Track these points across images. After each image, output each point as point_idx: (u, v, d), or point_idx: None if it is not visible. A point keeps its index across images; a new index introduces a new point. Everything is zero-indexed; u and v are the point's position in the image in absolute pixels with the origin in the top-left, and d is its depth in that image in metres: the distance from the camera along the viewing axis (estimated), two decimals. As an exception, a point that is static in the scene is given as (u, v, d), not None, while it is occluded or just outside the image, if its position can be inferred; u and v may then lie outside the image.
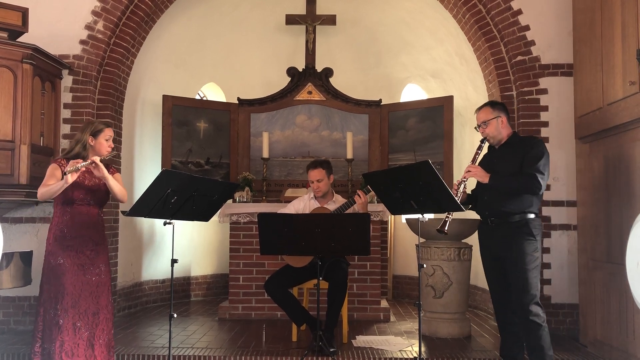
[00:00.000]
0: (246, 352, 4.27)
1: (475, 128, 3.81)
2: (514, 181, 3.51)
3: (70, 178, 3.26)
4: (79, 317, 3.38)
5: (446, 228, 3.55)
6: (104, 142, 3.57)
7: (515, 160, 3.57)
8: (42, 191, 3.41)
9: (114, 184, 3.47)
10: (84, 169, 3.33)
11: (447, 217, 3.56)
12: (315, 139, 6.67)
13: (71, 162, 3.35)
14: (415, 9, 6.44)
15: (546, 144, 4.12)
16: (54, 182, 3.39)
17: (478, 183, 3.71)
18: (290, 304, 4.48)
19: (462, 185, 3.60)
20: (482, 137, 3.73)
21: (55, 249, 3.44)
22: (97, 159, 3.35)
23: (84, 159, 3.46)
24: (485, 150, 3.80)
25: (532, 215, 3.55)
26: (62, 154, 3.67)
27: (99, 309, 3.45)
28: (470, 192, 3.85)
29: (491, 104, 3.78)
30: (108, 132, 3.60)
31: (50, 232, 3.50)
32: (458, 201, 3.46)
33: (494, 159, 3.71)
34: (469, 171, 3.61)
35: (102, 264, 3.53)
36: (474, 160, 3.70)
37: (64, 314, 3.35)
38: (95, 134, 3.56)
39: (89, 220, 3.50)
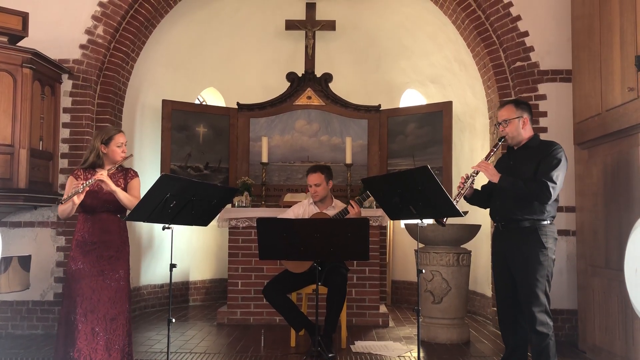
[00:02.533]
0: (244, 357, 4.27)
1: (495, 125, 3.69)
2: (524, 186, 3.39)
3: (77, 200, 3.29)
4: (97, 322, 3.37)
5: (445, 220, 3.46)
6: (117, 149, 3.55)
7: (533, 165, 3.46)
8: (59, 210, 3.42)
9: (124, 196, 3.44)
10: (88, 188, 3.32)
11: None
12: (315, 144, 6.67)
13: (70, 180, 3.34)
14: (415, 14, 6.46)
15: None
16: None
17: (493, 186, 3.55)
18: (289, 310, 4.48)
19: (470, 180, 3.49)
20: (501, 136, 3.59)
21: (77, 254, 3.45)
22: (103, 176, 3.34)
23: (100, 167, 3.50)
24: (498, 150, 3.67)
25: (544, 222, 3.44)
26: (80, 164, 3.65)
27: (117, 315, 3.43)
28: (479, 189, 3.74)
29: (515, 102, 3.63)
30: (119, 139, 3.57)
31: (73, 238, 3.53)
32: (463, 194, 3.43)
33: (511, 160, 3.61)
34: (480, 165, 3.50)
35: (121, 270, 3.50)
36: (488, 157, 3.56)
37: (82, 318, 3.34)
38: (107, 142, 3.54)
39: (110, 226, 3.50)
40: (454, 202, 3.34)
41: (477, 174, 3.54)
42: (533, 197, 3.41)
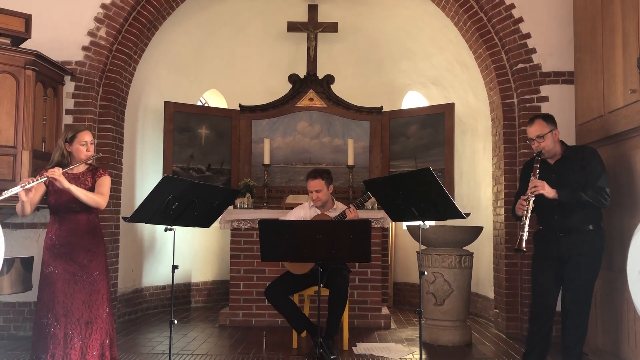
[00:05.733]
0: (246, 359, 4.26)
1: (527, 141, 3.78)
2: (585, 195, 3.52)
3: (24, 196, 3.17)
4: (71, 326, 3.28)
5: (523, 245, 3.49)
6: (80, 148, 3.43)
7: (578, 173, 3.60)
8: (16, 209, 3.32)
9: (81, 193, 3.31)
10: (35, 185, 3.18)
11: (521, 234, 3.51)
12: (317, 146, 6.67)
13: (23, 180, 3.22)
14: (416, 16, 6.46)
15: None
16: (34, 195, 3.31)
17: (541, 201, 3.61)
18: (291, 311, 4.48)
19: (531, 202, 3.55)
20: (537, 152, 3.67)
21: (47, 257, 3.37)
22: (55, 173, 3.21)
23: (66, 166, 3.41)
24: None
25: (595, 226, 3.63)
26: (48, 164, 3.56)
27: (92, 319, 3.34)
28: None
29: (544, 117, 3.74)
30: (82, 137, 3.45)
31: (44, 242, 3.45)
32: (529, 217, 3.51)
33: (552, 175, 3.68)
34: (536, 186, 3.55)
35: (95, 272, 3.40)
36: (535, 175, 3.62)
37: (55, 323, 3.27)
38: (70, 140, 3.45)
39: (78, 227, 3.41)
40: (525, 229, 3.48)
41: (534, 196, 3.57)
42: (594, 204, 3.55)
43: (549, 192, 3.55)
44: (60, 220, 3.41)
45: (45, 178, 3.22)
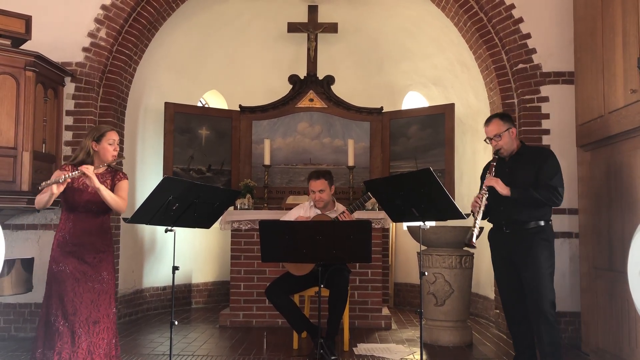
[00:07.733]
0: (247, 360, 4.27)
1: (485, 141, 3.81)
2: (536, 193, 3.57)
3: (56, 189, 3.18)
4: (79, 325, 3.30)
5: (474, 240, 3.60)
6: (108, 147, 3.45)
7: (530, 171, 3.66)
8: (36, 199, 3.34)
9: (107, 194, 3.33)
10: (69, 180, 3.21)
11: (472, 229, 3.60)
12: (317, 146, 6.67)
13: (56, 173, 3.22)
14: (417, 17, 6.46)
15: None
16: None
17: (491, 193, 3.70)
18: (291, 311, 4.48)
19: (485, 198, 3.64)
20: (495, 150, 3.74)
21: (58, 255, 3.37)
22: (89, 170, 3.24)
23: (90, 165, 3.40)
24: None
25: (549, 223, 3.67)
26: (69, 160, 3.56)
27: (100, 318, 3.36)
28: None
29: (500, 116, 3.81)
30: (111, 136, 3.48)
31: (54, 238, 3.44)
32: (482, 213, 3.62)
33: (506, 169, 3.74)
34: (490, 184, 3.65)
35: (104, 272, 3.43)
36: (490, 172, 3.71)
37: (64, 321, 3.28)
38: (98, 139, 3.45)
39: (92, 227, 3.42)
40: (476, 224, 3.55)
41: (487, 191, 3.66)
42: (545, 202, 3.60)
43: (502, 188, 3.62)
44: (75, 218, 3.41)
45: (79, 173, 3.23)
